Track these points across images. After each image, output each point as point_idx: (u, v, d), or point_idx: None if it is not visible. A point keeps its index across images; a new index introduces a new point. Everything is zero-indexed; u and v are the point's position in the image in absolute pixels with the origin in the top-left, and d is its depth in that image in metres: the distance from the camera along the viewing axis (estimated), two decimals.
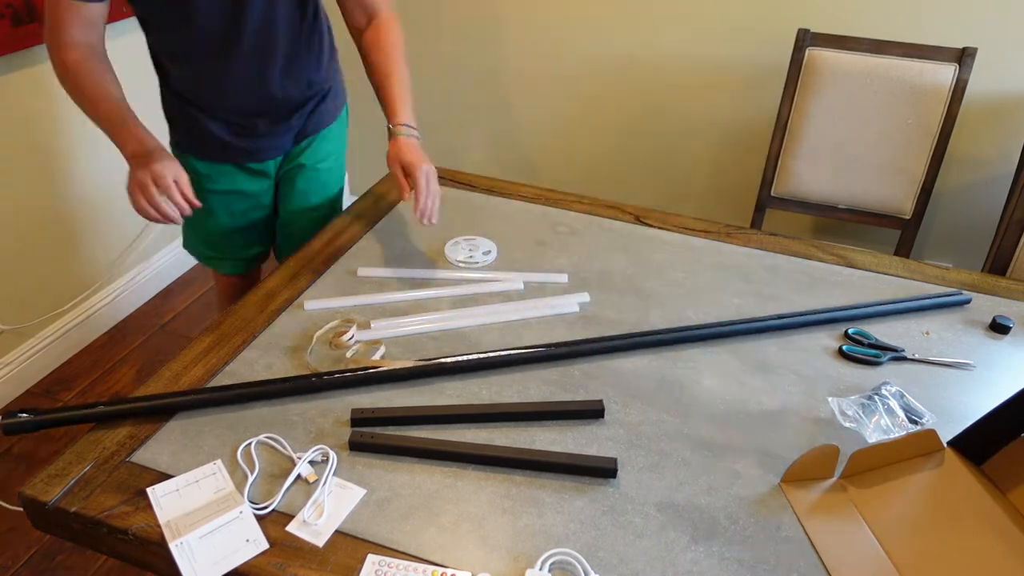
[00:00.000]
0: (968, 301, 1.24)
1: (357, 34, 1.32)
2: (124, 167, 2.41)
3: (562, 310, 1.20)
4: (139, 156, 1.07)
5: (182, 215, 1.11)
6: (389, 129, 1.25)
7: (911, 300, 1.23)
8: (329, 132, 1.44)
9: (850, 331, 1.15)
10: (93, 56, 1.14)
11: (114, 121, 1.11)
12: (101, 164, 2.20)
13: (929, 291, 1.27)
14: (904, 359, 1.11)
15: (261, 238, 1.52)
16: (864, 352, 1.10)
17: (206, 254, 1.52)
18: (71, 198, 2.13)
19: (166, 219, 1.07)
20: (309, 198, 1.46)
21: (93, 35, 1.14)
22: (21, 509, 0.89)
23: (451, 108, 2.58)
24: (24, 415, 0.97)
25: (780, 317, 1.18)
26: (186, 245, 1.53)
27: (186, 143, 1.36)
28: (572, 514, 0.87)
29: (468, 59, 2.47)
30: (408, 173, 1.19)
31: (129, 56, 2.19)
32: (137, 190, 1.03)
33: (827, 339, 1.16)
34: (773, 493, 0.91)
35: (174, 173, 1.07)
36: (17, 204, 1.98)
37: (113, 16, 2.06)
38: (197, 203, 1.06)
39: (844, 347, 1.11)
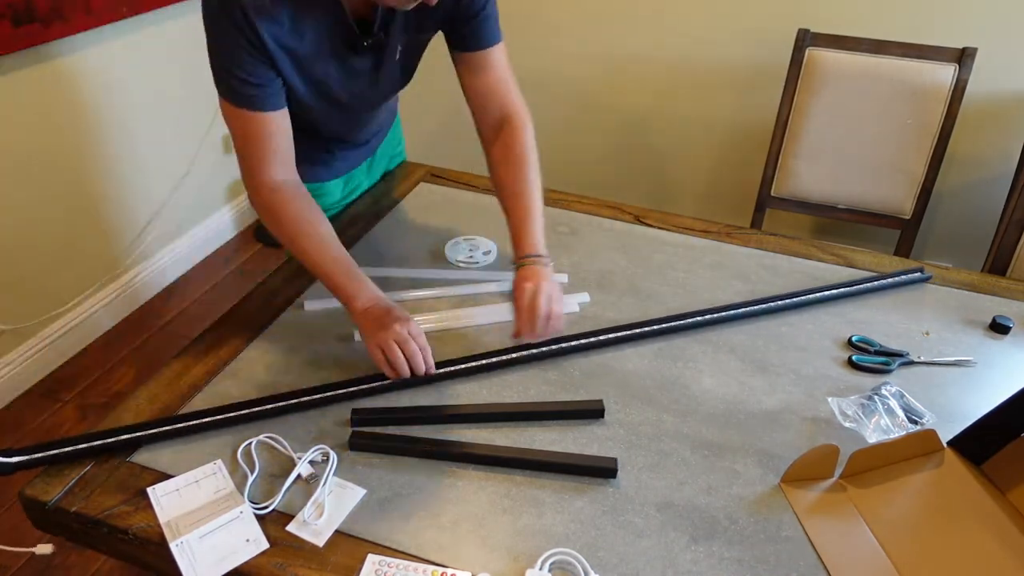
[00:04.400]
0: (928, 279, 1.29)
1: (486, 141, 1.22)
2: (124, 167, 2.41)
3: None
4: (374, 315, 1.04)
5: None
6: (514, 263, 1.11)
7: (879, 278, 1.27)
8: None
9: (854, 338, 1.14)
10: (299, 196, 1.10)
11: (339, 272, 1.08)
12: (101, 164, 2.21)
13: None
14: (911, 363, 1.11)
15: None
16: (873, 361, 1.10)
17: None
18: (71, 198, 2.13)
19: (421, 371, 1.03)
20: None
21: (289, 166, 1.10)
22: (20, 549, 0.86)
23: (451, 108, 2.57)
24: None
25: (766, 300, 1.19)
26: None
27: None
28: (572, 514, 0.87)
29: None
30: (529, 293, 1.05)
31: (146, 51, 2.19)
32: (381, 353, 1.01)
33: (828, 340, 1.16)
34: (773, 493, 0.91)
35: (415, 334, 1.03)
36: (17, 204, 1.98)
37: (138, 9, 2.07)
38: (433, 368, 1.04)
39: (854, 357, 1.10)
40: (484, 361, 1.07)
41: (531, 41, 2.38)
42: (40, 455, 0.93)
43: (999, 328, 1.18)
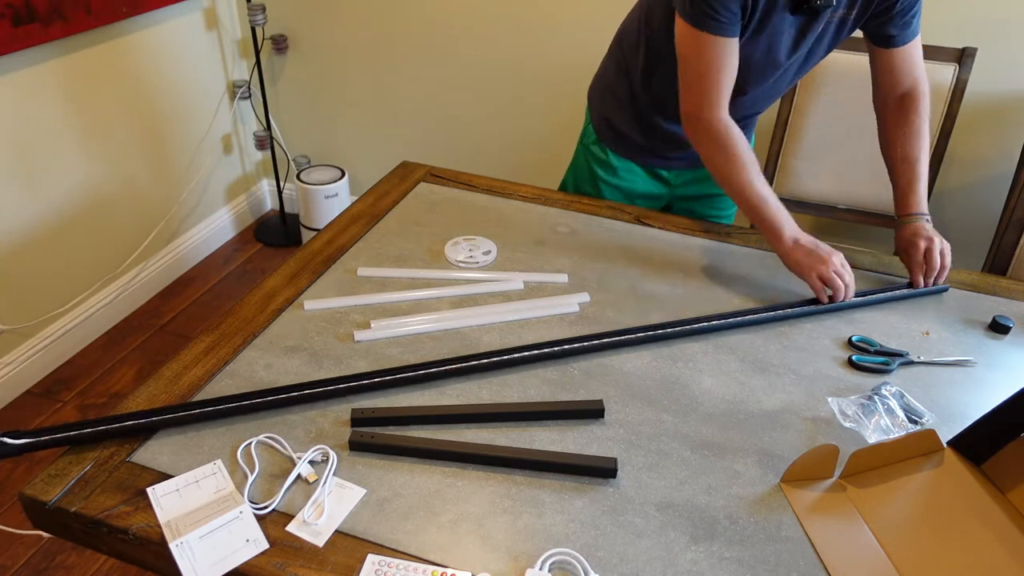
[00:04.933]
0: (944, 290, 1.28)
1: (882, 105, 1.34)
2: (123, 168, 2.41)
3: (562, 310, 1.20)
4: (807, 248, 1.19)
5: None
6: (897, 218, 1.29)
7: (895, 289, 1.25)
8: None
9: (854, 338, 1.14)
10: (741, 137, 1.23)
11: (773, 205, 1.22)
12: (101, 165, 2.21)
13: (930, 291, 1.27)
14: (911, 363, 1.11)
15: None
16: (873, 361, 1.10)
17: None
18: (71, 199, 2.13)
19: (848, 296, 1.20)
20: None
21: (728, 105, 1.23)
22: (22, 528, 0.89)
23: (451, 108, 2.58)
24: (5, 439, 0.95)
25: (774, 308, 1.18)
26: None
27: (609, 137, 1.50)
28: (572, 514, 0.87)
29: (468, 58, 2.47)
30: (923, 249, 1.24)
31: (146, 51, 2.19)
32: (821, 283, 1.18)
33: (828, 340, 1.16)
34: (773, 493, 0.91)
35: (847, 267, 1.19)
36: (17, 204, 1.98)
37: (138, 8, 2.07)
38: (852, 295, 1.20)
39: (854, 357, 1.10)
40: (484, 360, 1.07)
41: (532, 41, 2.38)
42: (47, 438, 0.94)
43: (999, 328, 1.18)
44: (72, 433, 0.94)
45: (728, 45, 1.16)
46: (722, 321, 1.16)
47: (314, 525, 0.85)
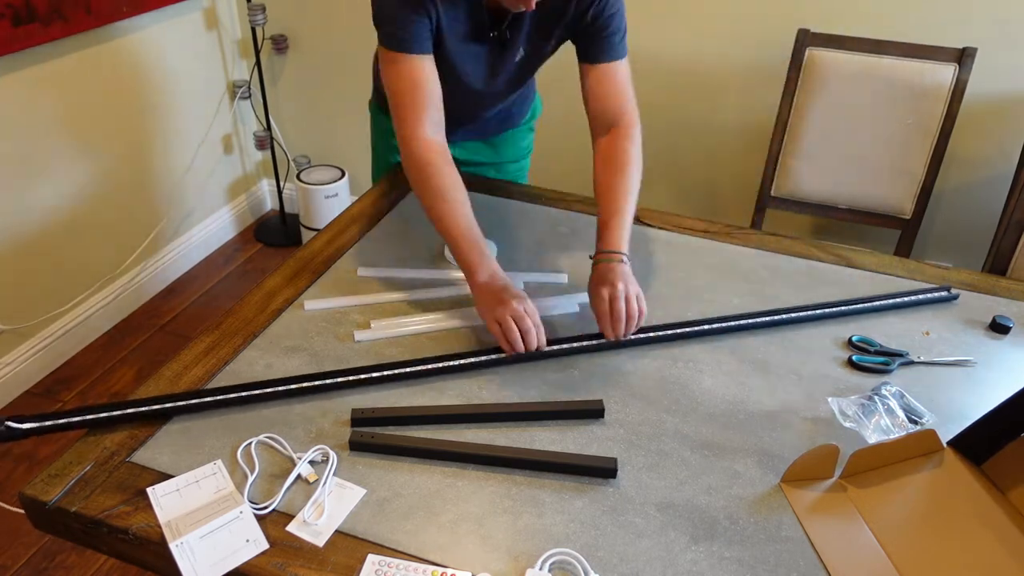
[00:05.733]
0: (955, 298, 1.25)
1: (594, 140, 1.29)
2: (123, 168, 2.41)
3: (562, 310, 1.20)
4: (493, 290, 1.09)
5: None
6: (592, 257, 1.16)
7: (904, 294, 1.23)
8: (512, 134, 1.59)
9: (854, 338, 1.14)
10: (448, 161, 1.17)
11: (469, 241, 1.13)
12: (101, 165, 2.21)
13: (926, 290, 1.27)
14: (911, 363, 1.11)
15: None
16: (873, 361, 1.10)
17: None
18: (71, 198, 2.13)
19: (534, 347, 1.07)
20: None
21: (439, 124, 1.18)
22: (21, 510, 0.89)
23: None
24: (10, 423, 0.96)
25: (778, 312, 1.18)
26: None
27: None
28: (572, 514, 0.87)
29: None
30: (607, 299, 1.08)
31: (146, 51, 2.19)
32: (498, 327, 1.06)
33: (828, 340, 1.16)
34: (773, 493, 0.91)
35: (530, 312, 1.06)
36: (17, 204, 1.98)
37: (139, 9, 2.07)
38: (544, 344, 1.07)
39: (854, 357, 1.10)
40: (484, 357, 1.07)
41: None
42: (50, 423, 0.95)
43: (999, 328, 1.18)
44: (74, 419, 0.95)
45: (418, 62, 1.14)
46: (723, 325, 1.16)
47: (314, 525, 0.85)
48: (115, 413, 0.97)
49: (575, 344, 1.11)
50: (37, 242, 2.06)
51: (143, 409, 0.97)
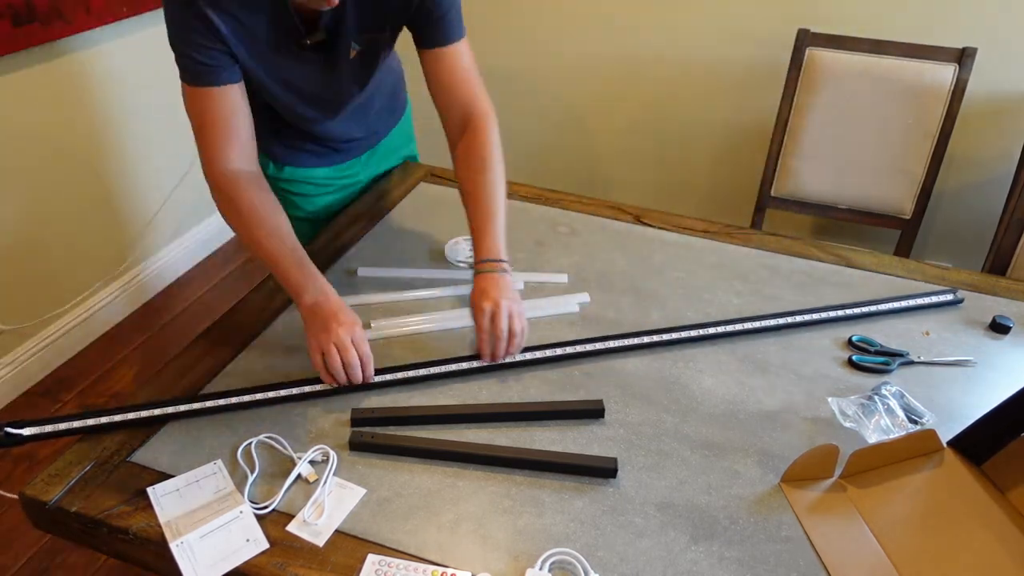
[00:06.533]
0: (960, 302, 1.24)
1: (451, 141, 1.21)
2: (124, 167, 2.40)
3: (562, 310, 1.20)
4: (320, 315, 1.01)
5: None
6: (473, 267, 1.12)
7: (907, 297, 1.23)
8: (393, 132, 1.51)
9: (854, 338, 1.14)
10: (256, 186, 1.10)
11: (290, 262, 1.05)
12: (101, 164, 2.21)
13: (930, 292, 1.27)
14: (911, 363, 1.11)
15: None
16: (873, 361, 1.10)
17: None
18: (71, 198, 2.13)
19: (359, 380, 1.01)
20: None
21: (246, 155, 1.10)
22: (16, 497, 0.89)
23: None
24: (10, 430, 0.96)
25: (780, 315, 1.18)
26: None
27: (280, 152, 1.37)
28: (572, 514, 0.87)
29: None
30: (488, 314, 1.04)
31: (146, 51, 2.19)
32: (319, 356, 0.99)
33: (828, 340, 1.16)
34: (773, 493, 0.91)
35: (357, 342, 1.00)
36: (18, 204, 1.98)
37: (119, 14, 2.07)
38: (371, 377, 1.02)
39: (854, 357, 1.10)
40: (477, 364, 1.07)
41: (532, 41, 2.38)
42: (50, 428, 0.95)
43: (999, 328, 1.18)
44: (75, 424, 0.95)
45: (216, 95, 1.05)
46: (724, 330, 1.15)
47: (314, 525, 0.85)
48: (116, 419, 0.96)
49: (576, 347, 1.11)
50: (37, 242, 2.06)
51: (143, 415, 0.97)
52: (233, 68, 1.06)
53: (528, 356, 1.08)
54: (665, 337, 1.13)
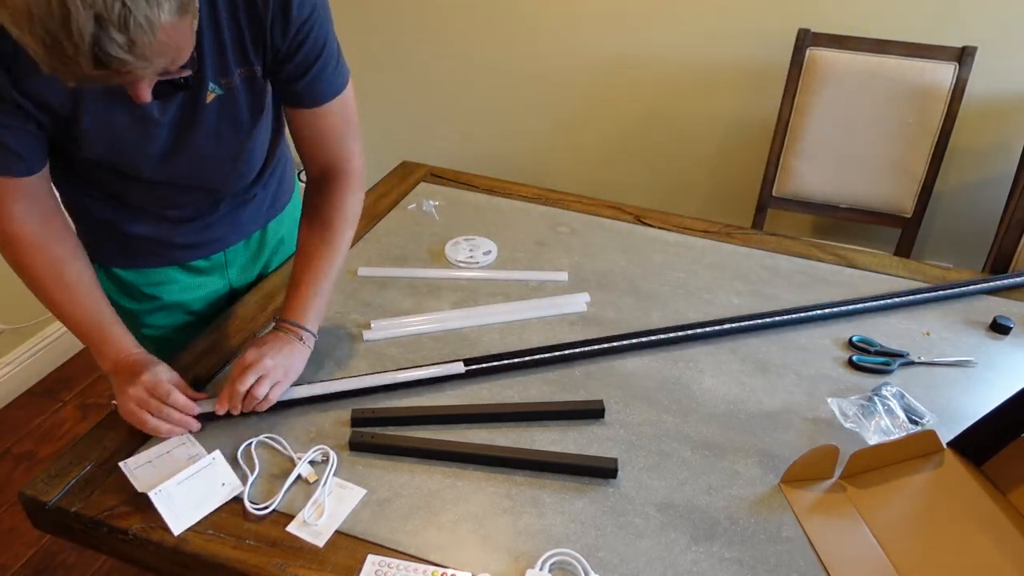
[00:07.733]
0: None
1: (306, 192, 1.09)
2: None
3: (562, 310, 1.20)
4: (123, 370, 0.94)
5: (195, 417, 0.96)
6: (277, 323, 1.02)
7: (910, 293, 1.23)
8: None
9: (854, 338, 1.14)
10: (44, 241, 0.96)
11: (87, 326, 0.97)
12: None
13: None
14: (911, 363, 1.11)
15: None
16: (874, 361, 1.10)
17: None
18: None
19: (180, 426, 0.94)
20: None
21: (37, 216, 0.95)
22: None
23: (452, 107, 2.57)
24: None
25: (781, 313, 1.18)
26: None
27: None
28: (572, 514, 0.87)
29: (469, 58, 2.47)
30: (243, 365, 0.95)
31: None
32: (137, 408, 0.91)
33: (828, 340, 1.16)
34: (773, 493, 0.91)
35: (167, 376, 0.95)
36: None
37: None
38: (202, 396, 0.96)
39: (854, 357, 1.10)
40: (487, 364, 1.07)
41: (532, 41, 2.38)
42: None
43: (999, 328, 1.18)
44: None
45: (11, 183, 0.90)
46: (724, 327, 1.16)
47: (314, 525, 0.85)
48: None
49: (576, 349, 1.10)
50: None
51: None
52: (33, 152, 0.90)
53: (528, 356, 1.08)
54: (665, 337, 1.13)
